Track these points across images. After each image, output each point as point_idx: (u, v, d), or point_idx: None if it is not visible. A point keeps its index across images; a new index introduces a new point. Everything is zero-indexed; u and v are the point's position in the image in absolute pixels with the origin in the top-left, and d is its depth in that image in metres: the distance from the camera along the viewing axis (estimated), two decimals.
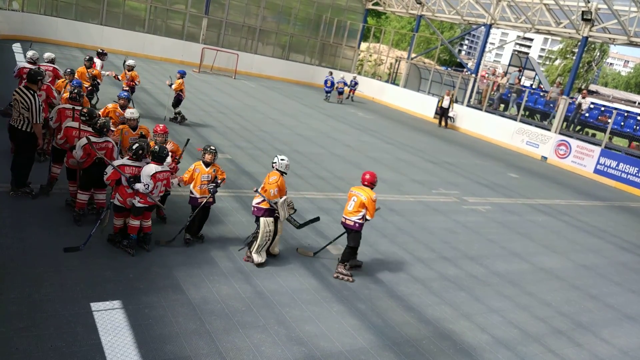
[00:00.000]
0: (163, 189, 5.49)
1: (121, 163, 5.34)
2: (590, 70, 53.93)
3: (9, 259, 4.78)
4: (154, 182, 5.22)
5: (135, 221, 5.35)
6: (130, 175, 5.22)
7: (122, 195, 5.29)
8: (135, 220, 5.35)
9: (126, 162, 5.35)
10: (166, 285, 4.90)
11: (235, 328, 4.47)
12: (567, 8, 17.76)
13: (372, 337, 4.82)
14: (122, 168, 5.27)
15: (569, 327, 5.88)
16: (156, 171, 5.26)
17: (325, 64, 27.47)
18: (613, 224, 11.25)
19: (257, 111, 15.37)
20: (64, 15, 20.41)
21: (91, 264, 4.99)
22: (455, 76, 24.19)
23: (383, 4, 26.71)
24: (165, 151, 5.44)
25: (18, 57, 15.16)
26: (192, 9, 23.17)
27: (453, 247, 7.63)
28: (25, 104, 5.76)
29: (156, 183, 5.28)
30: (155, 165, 5.29)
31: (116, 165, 5.27)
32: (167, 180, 5.48)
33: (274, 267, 5.73)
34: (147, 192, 5.22)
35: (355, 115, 19.21)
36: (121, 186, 5.28)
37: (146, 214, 5.42)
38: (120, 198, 5.30)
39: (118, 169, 5.24)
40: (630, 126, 17.77)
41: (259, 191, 5.71)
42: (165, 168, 5.46)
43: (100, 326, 4.10)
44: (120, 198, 5.30)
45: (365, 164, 11.65)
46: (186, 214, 6.01)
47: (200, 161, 5.76)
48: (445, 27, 50.84)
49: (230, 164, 9.34)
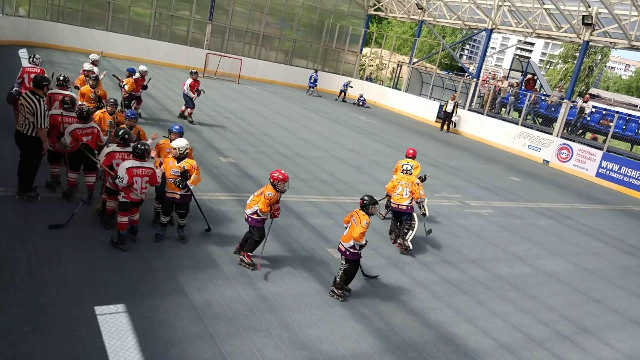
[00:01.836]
0: (146, 185, 5.53)
1: (111, 150, 5.74)
2: (591, 74, 53.93)
3: (14, 261, 4.81)
4: (129, 176, 5.30)
5: (123, 217, 5.46)
6: (116, 174, 5.44)
7: (128, 194, 5.52)
8: (123, 216, 5.46)
9: (115, 148, 5.75)
10: (170, 288, 4.92)
11: (238, 332, 4.48)
12: (568, 13, 17.81)
13: (375, 341, 4.82)
14: (112, 154, 5.69)
15: (572, 331, 5.87)
16: (132, 166, 5.36)
17: (327, 69, 27.57)
18: (615, 227, 11.22)
19: (260, 115, 15.43)
20: (69, 21, 20.57)
21: (96, 267, 5.01)
22: (457, 80, 24.26)
23: (385, 9, 26.83)
24: (144, 147, 5.49)
25: (24, 62, 15.29)
26: (196, 15, 23.32)
27: (455, 250, 7.63)
28: (31, 109, 5.81)
29: (133, 178, 5.36)
30: (132, 161, 5.43)
31: (107, 152, 5.72)
32: (149, 177, 5.51)
33: (278, 271, 5.75)
34: (123, 185, 5.33)
35: (357, 119, 19.26)
36: (113, 170, 5.62)
37: (133, 209, 5.57)
38: (125, 194, 5.50)
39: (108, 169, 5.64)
40: (632, 129, 17.76)
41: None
42: (147, 165, 5.51)
43: (104, 330, 4.12)
44: (125, 194, 5.50)
45: (367, 167, 11.68)
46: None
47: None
48: (447, 32, 50.99)
49: (234, 167, 9.38)
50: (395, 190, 7.13)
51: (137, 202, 5.55)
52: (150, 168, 5.54)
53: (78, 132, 6.21)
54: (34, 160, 6.08)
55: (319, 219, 7.61)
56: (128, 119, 6.67)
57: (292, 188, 8.82)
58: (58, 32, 19.95)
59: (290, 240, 6.66)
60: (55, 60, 16.78)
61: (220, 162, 9.45)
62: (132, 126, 6.63)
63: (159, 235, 5.87)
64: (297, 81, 25.81)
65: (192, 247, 5.87)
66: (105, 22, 21.38)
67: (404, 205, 6.99)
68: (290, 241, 6.62)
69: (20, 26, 18.91)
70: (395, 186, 7.17)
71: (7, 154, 6.88)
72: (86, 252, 5.25)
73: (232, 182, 8.55)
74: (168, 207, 5.86)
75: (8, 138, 6.23)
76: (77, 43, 20.22)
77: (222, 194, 7.82)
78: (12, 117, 7.35)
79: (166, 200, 5.83)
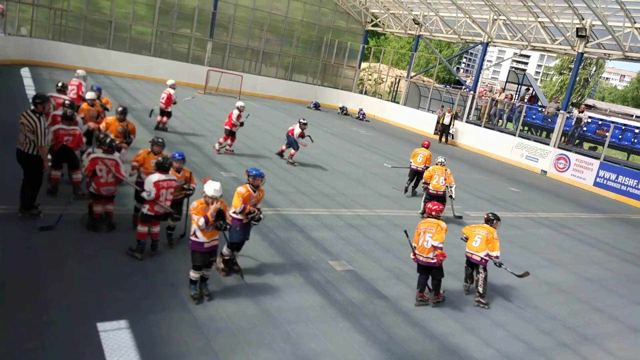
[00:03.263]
0: (171, 197, 5.70)
1: (95, 156, 5.99)
2: (587, 85, 54.41)
3: (17, 280, 4.84)
4: (156, 189, 5.47)
5: (143, 228, 5.59)
6: (140, 187, 5.74)
7: (97, 184, 5.94)
8: (143, 226, 5.59)
9: (100, 155, 6.01)
10: (172, 304, 4.94)
11: (241, 346, 4.50)
12: (562, 25, 18.09)
13: (378, 353, 4.83)
14: (95, 160, 5.92)
15: (574, 340, 5.87)
16: (159, 179, 5.52)
17: (327, 84, 27.89)
18: (615, 236, 11.25)
19: (261, 130, 15.56)
20: (71, 40, 20.88)
21: (99, 283, 5.04)
22: (454, 93, 24.51)
23: (382, 25, 27.24)
24: (168, 162, 5.67)
25: (26, 81, 15.49)
26: (197, 33, 23.68)
27: (456, 261, 7.64)
28: (31, 127, 5.87)
29: (160, 191, 5.53)
30: (158, 174, 5.57)
31: (91, 158, 5.96)
32: (173, 188, 5.69)
33: (280, 285, 5.77)
34: (150, 199, 5.48)
35: (357, 133, 19.41)
36: (96, 176, 5.91)
37: (154, 221, 5.67)
38: (95, 186, 5.93)
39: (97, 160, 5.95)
40: (628, 139, 17.90)
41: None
42: (171, 177, 5.70)
43: (106, 347, 4.13)
44: (95, 186, 5.93)
45: (368, 180, 11.76)
46: None
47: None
48: (444, 46, 51.58)
49: (235, 182, 9.44)
50: (432, 179, 9.23)
51: (161, 214, 5.67)
52: (173, 180, 5.72)
53: (61, 132, 6.65)
54: (36, 179, 6.14)
55: (320, 232, 7.65)
56: (158, 146, 6.29)
57: (294, 201, 8.90)
58: (60, 51, 20.24)
59: (292, 253, 6.69)
60: (57, 79, 16.85)
61: (222, 177, 9.52)
62: (159, 152, 6.30)
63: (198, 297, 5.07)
64: (298, 96, 26.08)
65: None
66: (107, 41, 21.70)
67: (478, 255, 6.27)
68: (292, 254, 6.65)
69: (23, 45, 19.20)
70: (432, 175, 9.27)
71: (10, 172, 6.96)
72: (89, 269, 5.28)
73: (232, 195, 8.60)
74: (206, 257, 5.01)
75: (11, 156, 6.30)
76: (79, 62, 20.46)
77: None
78: (15, 136, 7.44)
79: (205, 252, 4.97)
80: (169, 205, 5.69)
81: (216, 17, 23.62)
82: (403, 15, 25.47)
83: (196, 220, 4.79)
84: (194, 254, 4.92)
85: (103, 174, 5.93)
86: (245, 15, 24.55)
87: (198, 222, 4.77)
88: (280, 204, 8.67)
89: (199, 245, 4.89)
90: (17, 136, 6.09)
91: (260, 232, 7.19)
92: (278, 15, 25.25)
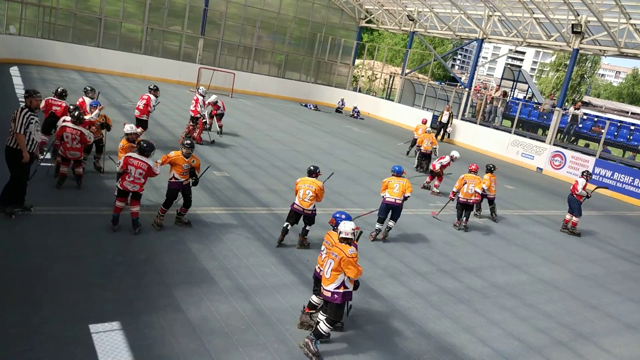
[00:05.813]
0: (140, 177, 6.15)
1: (64, 125, 7.22)
2: (583, 82, 54.61)
3: (9, 281, 4.78)
4: (124, 163, 6.09)
5: (119, 203, 6.20)
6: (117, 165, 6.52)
7: (64, 148, 7.16)
8: (119, 202, 6.19)
9: (69, 124, 7.20)
10: (165, 304, 4.89)
11: (235, 347, 4.45)
12: (557, 21, 18.11)
13: (373, 352, 4.80)
14: (64, 128, 7.21)
15: (570, 338, 5.87)
16: (131, 155, 6.14)
17: (320, 81, 27.79)
18: (610, 233, 11.29)
19: (254, 129, 15.48)
20: (61, 38, 20.63)
21: (91, 284, 4.98)
22: (449, 90, 24.49)
23: (376, 21, 27.16)
24: (148, 148, 6.22)
25: (15, 80, 15.31)
26: (188, 30, 23.50)
27: (452, 259, 7.64)
28: (13, 116, 5.96)
29: (128, 167, 6.08)
30: (135, 154, 6.20)
31: (61, 126, 7.21)
32: (145, 170, 6.16)
33: (273, 284, 5.73)
34: (118, 171, 6.29)
35: (351, 130, 19.36)
36: (64, 142, 7.12)
37: (132, 201, 6.22)
38: (63, 149, 7.17)
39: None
40: (624, 136, 17.96)
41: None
42: (146, 161, 6.16)
43: (99, 348, 4.08)
44: (63, 149, 7.17)
45: (362, 178, 11.72)
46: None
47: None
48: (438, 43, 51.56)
49: (228, 181, 9.38)
50: (423, 143, 13.21)
51: (136, 192, 6.16)
52: (145, 162, 6.15)
53: (67, 129, 7.24)
54: (21, 174, 6.05)
55: (314, 231, 7.60)
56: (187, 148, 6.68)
57: (287, 200, 8.84)
58: (49, 49, 20.00)
59: (285, 253, 6.65)
60: (47, 77, 16.80)
61: (215, 176, 9.45)
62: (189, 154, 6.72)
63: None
64: (291, 94, 25.97)
65: (188, 262, 5.84)
66: (96, 39, 21.47)
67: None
68: (285, 254, 6.61)
69: (12, 44, 18.94)
70: (422, 140, 13.31)
71: (3, 175, 6.85)
72: (81, 270, 5.22)
73: (227, 195, 8.55)
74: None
75: (2, 159, 6.21)
76: (69, 60, 20.29)
77: (216, 208, 7.82)
78: (5, 136, 7.34)
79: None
80: (137, 188, 6.18)
81: (207, 13, 23.42)
82: (397, 12, 25.41)
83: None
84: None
85: (69, 141, 7.15)
86: (237, 12, 24.37)
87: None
88: (273, 203, 8.62)
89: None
90: (6, 136, 6.02)
91: (254, 232, 7.14)
92: (270, 11, 25.09)
